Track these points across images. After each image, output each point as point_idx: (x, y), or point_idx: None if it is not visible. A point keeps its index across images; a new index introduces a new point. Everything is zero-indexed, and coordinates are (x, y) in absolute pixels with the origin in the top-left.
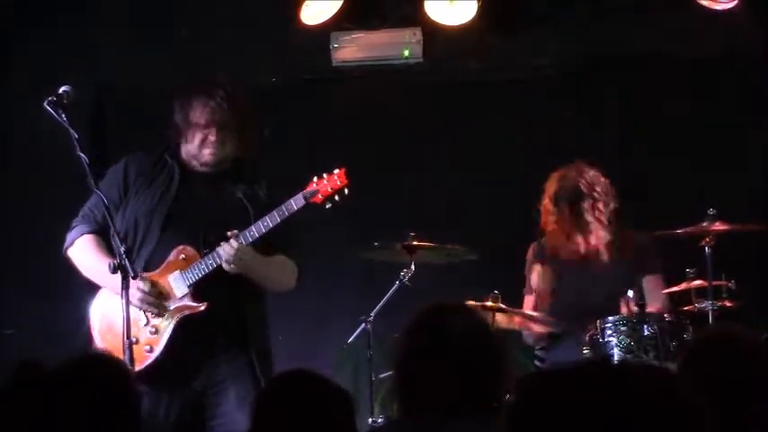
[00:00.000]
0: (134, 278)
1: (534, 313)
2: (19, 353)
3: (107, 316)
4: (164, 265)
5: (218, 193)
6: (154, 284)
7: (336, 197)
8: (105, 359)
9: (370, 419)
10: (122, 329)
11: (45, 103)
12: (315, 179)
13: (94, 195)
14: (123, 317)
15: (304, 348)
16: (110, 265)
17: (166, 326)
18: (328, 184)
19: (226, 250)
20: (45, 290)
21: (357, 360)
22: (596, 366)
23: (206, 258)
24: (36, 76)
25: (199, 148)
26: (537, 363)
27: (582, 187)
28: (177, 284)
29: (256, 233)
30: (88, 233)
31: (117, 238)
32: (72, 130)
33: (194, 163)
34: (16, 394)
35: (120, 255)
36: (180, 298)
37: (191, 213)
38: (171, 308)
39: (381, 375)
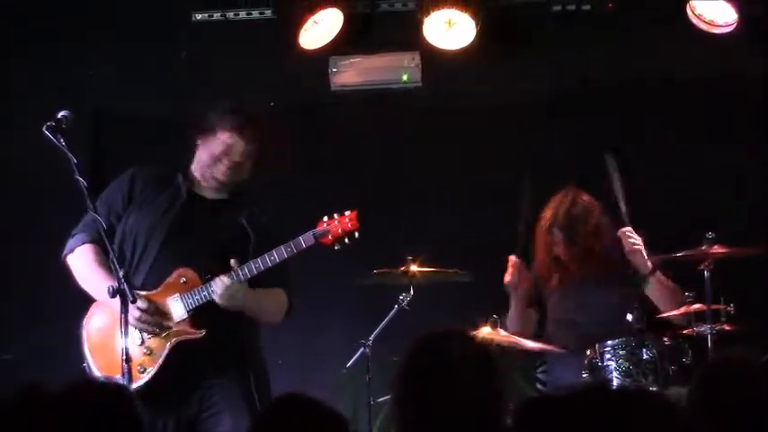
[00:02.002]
0: (133, 302)
1: (533, 343)
2: (16, 378)
3: (101, 331)
4: (163, 286)
5: (221, 217)
6: (152, 304)
7: (346, 240)
8: (109, 385)
9: None
10: (121, 353)
11: (44, 128)
12: (326, 219)
13: (98, 206)
14: (122, 343)
15: (303, 372)
16: (109, 290)
17: (162, 348)
18: (339, 225)
19: (218, 287)
20: (42, 314)
21: (356, 384)
22: (595, 392)
23: (206, 286)
24: (34, 100)
25: (211, 168)
26: (538, 386)
27: (577, 213)
28: (176, 308)
29: (257, 268)
30: (89, 243)
31: (116, 262)
32: (70, 155)
33: (203, 181)
34: (20, 417)
35: (120, 279)
36: (178, 322)
37: (192, 235)
38: (168, 331)
39: (380, 399)
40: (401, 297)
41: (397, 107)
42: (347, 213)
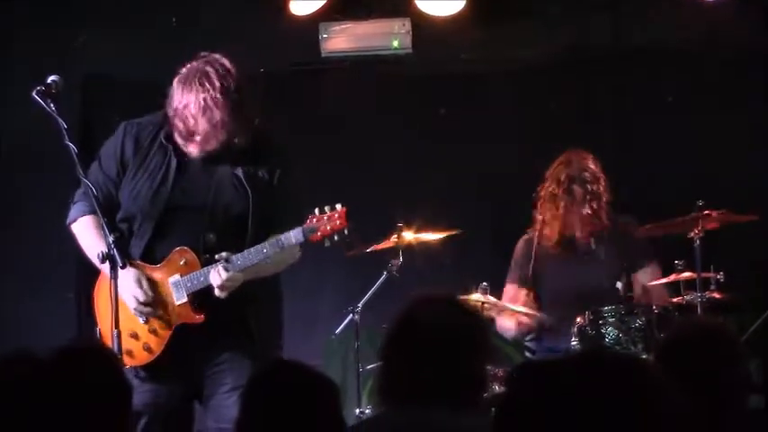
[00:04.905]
0: (122, 267)
1: (523, 308)
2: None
3: (107, 300)
4: (164, 263)
5: (216, 178)
6: (153, 285)
7: (336, 237)
8: (95, 349)
9: (358, 410)
10: (110, 318)
11: (33, 93)
12: (316, 214)
13: (94, 168)
14: (111, 306)
15: (292, 339)
16: (99, 255)
17: (166, 329)
18: (328, 223)
19: (215, 279)
20: (33, 285)
21: (345, 351)
22: (587, 357)
23: (204, 271)
24: (23, 66)
25: (182, 139)
26: (527, 354)
27: (585, 174)
28: (177, 290)
29: (250, 261)
30: (90, 213)
31: (106, 227)
32: (60, 120)
33: (183, 147)
34: (6, 383)
35: (109, 244)
36: (179, 305)
37: (189, 205)
38: (171, 313)
39: (369, 366)
40: (390, 264)
41: (387, 74)
42: (337, 209)
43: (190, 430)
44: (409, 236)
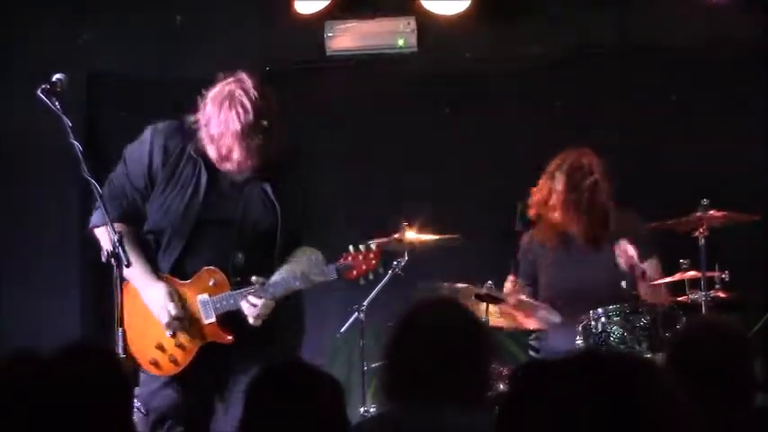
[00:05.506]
0: (127, 266)
1: (530, 300)
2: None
3: (132, 315)
4: (193, 280)
5: (245, 193)
6: (182, 300)
7: (371, 275)
8: (95, 349)
9: (362, 409)
10: (116, 315)
11: (38, 92)
12: (351, 252)
13: (120, 172)
14: (116, 304)
15: None
16: (103, 253)
17: (193, 346)
18: (363, 262)
19: (250, 310)
20: (36, 284)
21: (350, 350)
22: (591, 357)
23: (234, 295)
24: (27, 64)
25: (221, 160)
26: (531, 353)
27: (588, 169)
28: (205, 309)
29: (280, 292)
30: (116, 221)
31: (111, 227)
32: (65, 118)
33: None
34: (9, 382)
35: (114, 243)
36: (207, 324)
37: (219, 220)
38: (199, 330)
39: (374, 365)
40: (395, 262)
41: (392, 72)
42: (372, 248)
43: (210, 423)
44: (412, 235)
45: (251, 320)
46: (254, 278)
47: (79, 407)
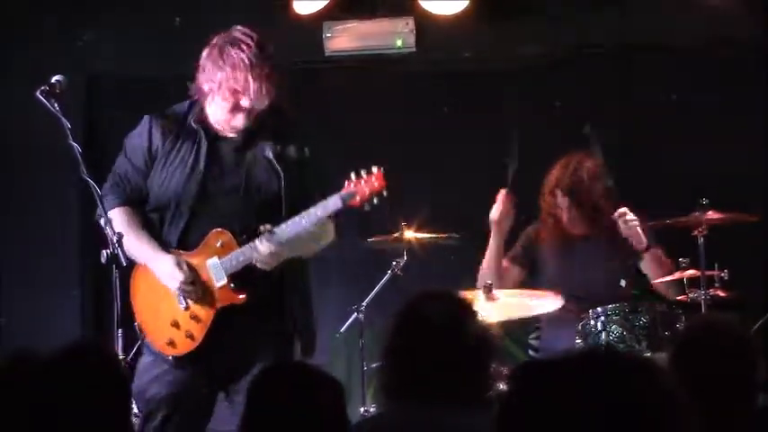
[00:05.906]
0: (125, 266)
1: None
2: (9, 343)
3: (145, 296)
4: (200, 247)
5: (247, 160)
6: (192, 269)
7: (375, 200)
8: (95, 349)
9: (362, 409)
10: (115, 316)
11: (37, 93)
12: (353, 178)
13: (121, 160)
14: (116, 306)
15: None
16: (103, 256)
17: (208, 315)
18: (366, 186)
19: (260, 253)
20: (38, 283)
21: (350, 350)
22: (590, 356)
23: (244, 249)
24: (27, 65)
25: (230, 113)
26: (530, 352)
27: (582, 176)
28: (216, 272)
29: (289, 233)
30: (119, 206)
31: (110, 226)
32: (64, 120)
33: (222, 127)
34: (9, 382)
35: (113, 244)
36: (219, 287)
37: (222, 188)
38: (212, 296)
39: (373, 365)
40: (395, 263)
41: (391, 73)
42: (374, 172)
43: (207, 422)
44: (411, 234)
45: (259, 265)
46: (261, 227)
47: (78, 407)
